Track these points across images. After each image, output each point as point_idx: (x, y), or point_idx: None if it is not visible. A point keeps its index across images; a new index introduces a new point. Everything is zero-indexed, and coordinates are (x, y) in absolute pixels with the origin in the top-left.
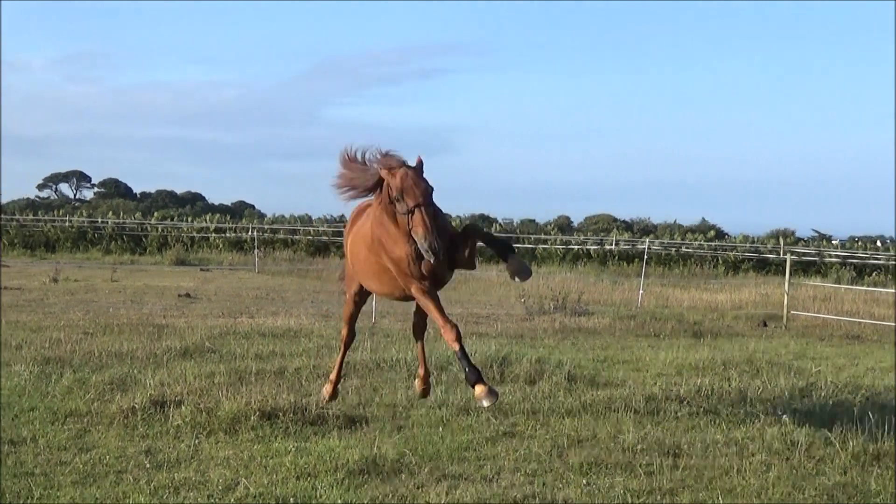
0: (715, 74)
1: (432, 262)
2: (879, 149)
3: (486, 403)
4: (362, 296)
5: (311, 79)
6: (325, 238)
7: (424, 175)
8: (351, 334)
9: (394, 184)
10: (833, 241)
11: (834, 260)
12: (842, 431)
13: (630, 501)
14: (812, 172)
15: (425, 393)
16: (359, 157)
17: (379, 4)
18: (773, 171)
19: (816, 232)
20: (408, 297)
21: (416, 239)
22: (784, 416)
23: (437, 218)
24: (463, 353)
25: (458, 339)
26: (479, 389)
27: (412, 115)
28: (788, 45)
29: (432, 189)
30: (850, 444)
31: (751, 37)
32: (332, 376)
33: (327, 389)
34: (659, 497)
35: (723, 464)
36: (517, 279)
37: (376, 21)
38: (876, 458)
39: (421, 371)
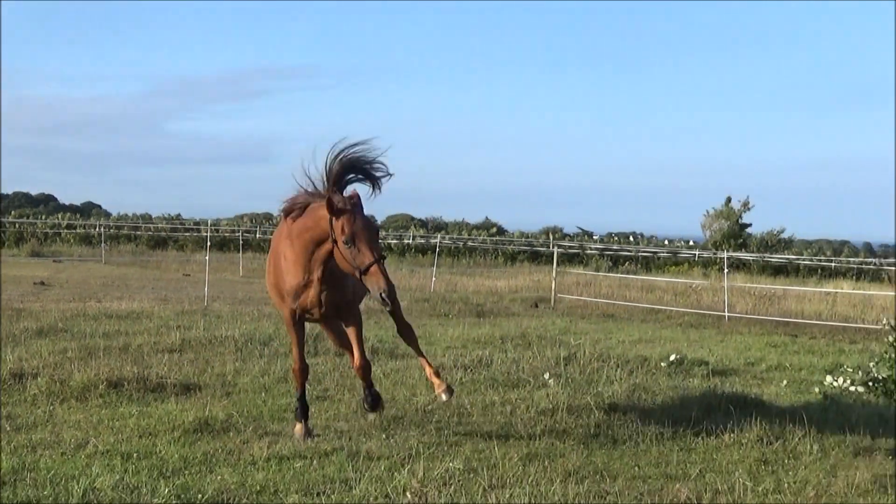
0: (490, 93)
1: (387, 309)
2: (628, 160)
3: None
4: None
5: (155, 97)
6: (163, 234)
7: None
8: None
9: (345, 229)
10: (594, 237)
11: (593, 252)
12: (596, 392)
13: (421, 451)
14: (575, 179)
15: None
16: (312, 183)
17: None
18: (544, 178)
19: (580, 229)
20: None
21: (369, 286)
22: (550, 381)
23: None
24: (302, 394)
25: (300, 379)
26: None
27: (243, 127)
28: (546, 63)
29: (377, 228)
30: (604, 401)
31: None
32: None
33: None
34: (446, 448)
35: (499, 420)
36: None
37: (214, 46)
38: (623, 414)
39: (427, 370)
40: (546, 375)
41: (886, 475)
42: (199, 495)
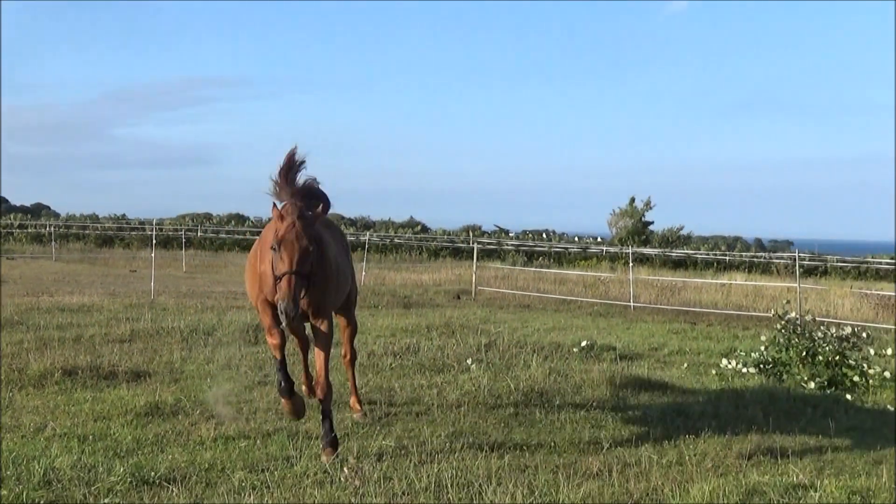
0: (415, 104)
1: (283, 323)
2: (541, 164)
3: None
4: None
5: (98, 104)
6: (110, 233)
7: (315, 226)
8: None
9: (278, 232)
10: (510, 234)
11: (510, 248)
12: (515, 375)
13: (356, 431)
14: (493, 181)
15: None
16: (290, 176)
17: (157, 43)
18: (464, 181)
19: (497, 227)
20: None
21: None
22: (472, 366)
23: (304, 280)
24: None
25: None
26: (285, 404)
27: (184, 133)
28: (465, 76)
29: (311, 250)
30: (522, 384)
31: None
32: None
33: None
34: (378, 428)
35: (426, 402)
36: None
37: (154, 57)
38: (539, 396)
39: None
40: (469, 361)
41: (776, 446)
42: (153, 473)
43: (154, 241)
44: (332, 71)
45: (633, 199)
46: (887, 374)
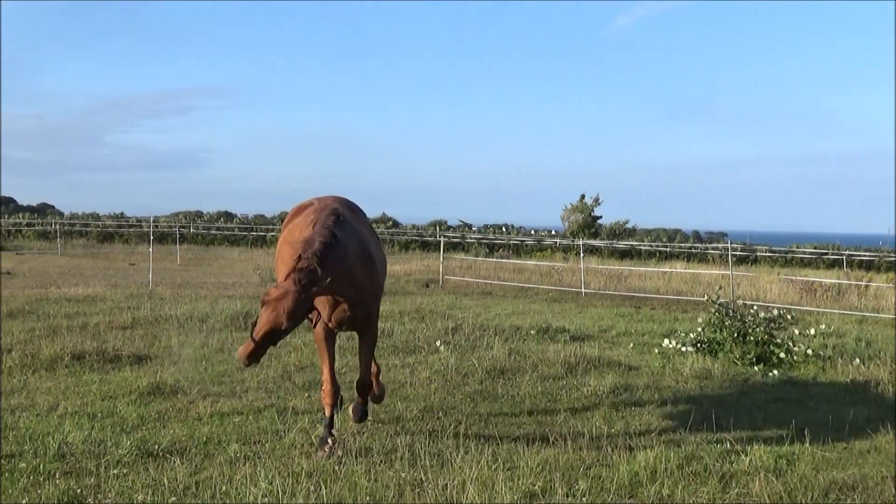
0: (386, 111)
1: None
2: (500, 165)
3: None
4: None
5: (96, 113)
6: (110, 229)
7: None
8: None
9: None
10: (473, 228)
11: (473, 241)
12: (479, 355)
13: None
14: (458, 181)
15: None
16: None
17: (146, 56)
18: (431, 180)
19: (461, 221)
20: None
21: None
22: (441, 347)
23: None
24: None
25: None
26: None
27: (172, 139)
28: (434, 85)
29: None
30: (485, 363)
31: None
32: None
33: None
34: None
35: (400, 380)
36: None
37: (144, 69)
38: (501, 373)
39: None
40: (438, 343)
41: (712, 416)
42: (156, 446)
43: (151, 237)
44: (304, 82)
45: (583, 196)
46: (809, 351)
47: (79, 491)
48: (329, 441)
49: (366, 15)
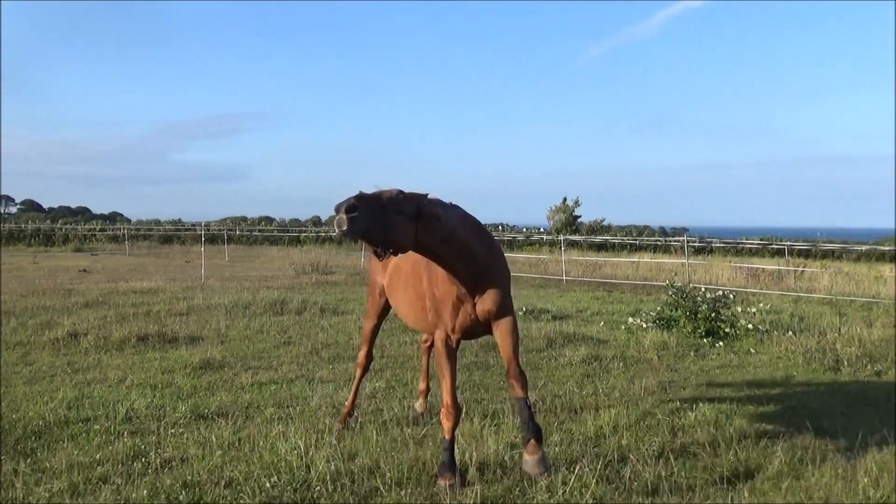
0: (388, 129)
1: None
2: (495, 170)
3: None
4: (384, 312)
5: (160, 135)
6: (170, 233)
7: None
8: (369, 357)
9: None
10: None
11: None
12: None
13: (354, 375)
14: (454, 185)
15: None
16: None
17: (198, 87)
18: (433, 184)
19: None
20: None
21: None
22: None
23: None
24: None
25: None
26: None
27: (222, 157)
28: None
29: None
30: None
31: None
32: (347, 405)
33: (340, 421)
34: (373, 374)
35: (408, 354)
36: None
37: (197, 98)
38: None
39: (422, 385)
40: None
41: (667, 381)
42: (206, 410)
43: (203, 239)
44: (328, 105)
45: (565, 199)
46: (750, 325)
47: (142, 447)
48: (450, 470)
49: (380, 52)
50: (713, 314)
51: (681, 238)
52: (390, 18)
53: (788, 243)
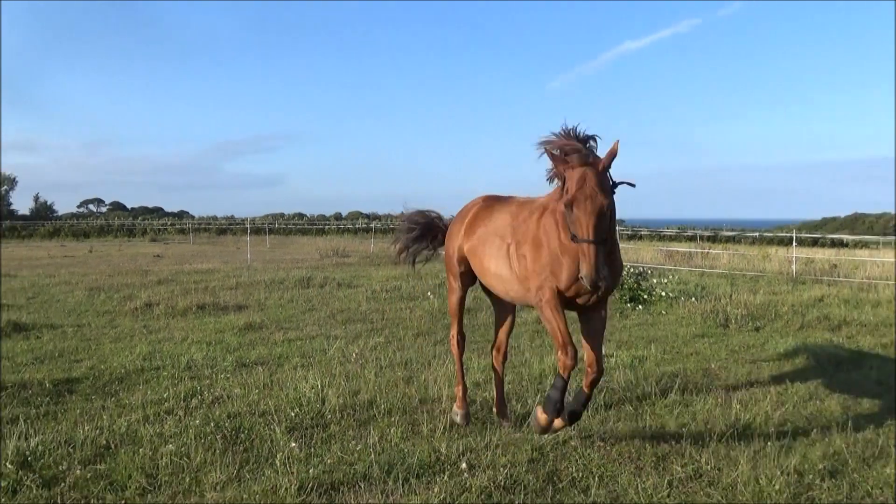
0: (392, 139)
1: (592, 291)
2: (448, 180)
3: (536, 430)
4: (468, 280)
5: (215, 151)
6: (224, 226)
7: (610, 174)
8: (461, 334)
9: (569, 189)
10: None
11: None
12: None
13: (361, 334)
14: (447, 190)
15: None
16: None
17: (240, 111)
18: (429, 189)
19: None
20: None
21: (580, 267)
22: (430, 296)
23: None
24: (563, 384)
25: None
26: (541, 417)
27: (266, 167)
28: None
29: (606, 206)
30: None
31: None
32: (458, 392)
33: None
34: (374, 333)
35: (403, 316)
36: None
37: (241, 120)
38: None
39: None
40: (429, 293)
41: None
42: (247, 360)
43: (249, 231)
44: (344, 125)
45: None
46: (663, 293)
47: (198, 388)
48: (556, 411)
49: (383, 79)
50: (636, 285)
51: (619, 228)
52: (395, 50)
53: (699, 231)
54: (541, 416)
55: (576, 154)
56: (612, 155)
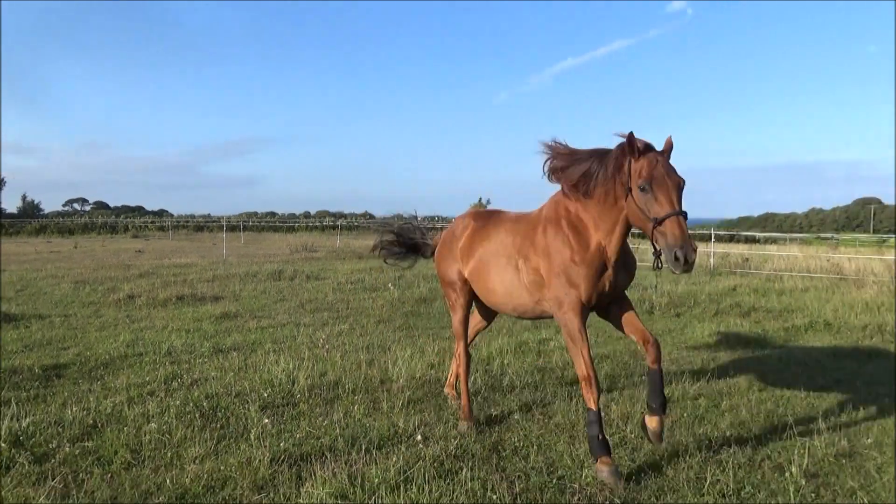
0: (379, 146)
1: (676, 272)
2: (420, 178)
3: (610, 480)
4: (471, 299)
5: (191, 154)
6: (201, 223)
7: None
8: (467, 353)
9: (643, 172)
10: (417, 216)
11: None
12: (412, 291)
13: (328, 321)
14: (411, 190)
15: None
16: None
17: (218, 117)
18: (395, 191)
19: (398, 214)
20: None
21: (660, 242)
22: (391, 287)
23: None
24: (597, 416)
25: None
26: (605, 461)
27: (239, 169)
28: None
29: (683, 183)
30: (415, 295)
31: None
32: (464, 406)
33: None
34: (339, 321)
35: (366, 306)
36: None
37: (220, 126)
38: (424, 301)
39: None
40: (390, 285)
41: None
42: (223, 346)
43: (225, 228)
44: (319, 130)
45: (480, 199)
46: None
47: (178, 372)
48: (606, 451)
49: (374, 83)
50: None
51: None
52: (381, 49)
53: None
54: (604, 460)
55: (643, 145)
56: (671, 147)
